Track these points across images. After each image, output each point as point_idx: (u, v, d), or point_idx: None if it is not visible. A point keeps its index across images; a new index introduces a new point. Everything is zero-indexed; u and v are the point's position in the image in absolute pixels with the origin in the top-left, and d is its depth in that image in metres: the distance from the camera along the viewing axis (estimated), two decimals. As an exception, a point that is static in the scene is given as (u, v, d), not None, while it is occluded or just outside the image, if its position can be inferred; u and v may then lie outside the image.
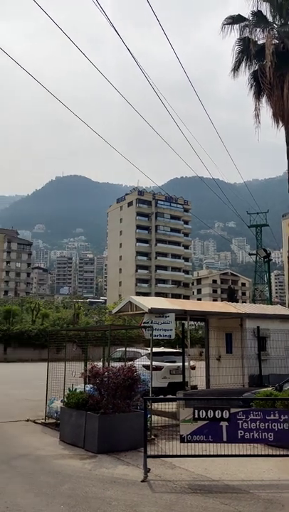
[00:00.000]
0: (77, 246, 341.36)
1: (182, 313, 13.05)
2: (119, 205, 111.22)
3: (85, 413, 8.70)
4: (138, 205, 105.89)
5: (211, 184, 30.59)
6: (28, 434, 10.07)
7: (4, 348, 44.02)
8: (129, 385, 8.90)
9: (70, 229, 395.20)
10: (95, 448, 8.24)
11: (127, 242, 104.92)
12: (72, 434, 9.02)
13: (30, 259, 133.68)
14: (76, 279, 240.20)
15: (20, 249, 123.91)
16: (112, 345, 11.38)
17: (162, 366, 13.84)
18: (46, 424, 11.09)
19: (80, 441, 8.71)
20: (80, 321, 60.77)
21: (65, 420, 9.41)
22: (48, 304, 79.88)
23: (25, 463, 7.69)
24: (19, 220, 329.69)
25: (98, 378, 8.99)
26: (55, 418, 10.96)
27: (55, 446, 8.97)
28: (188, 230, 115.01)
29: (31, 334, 45.29)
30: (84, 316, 69.01)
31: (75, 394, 9.46)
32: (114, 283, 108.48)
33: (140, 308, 12.54)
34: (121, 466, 7.35)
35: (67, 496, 5.95)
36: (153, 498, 5.90)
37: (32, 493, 6.09)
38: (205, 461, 7.33)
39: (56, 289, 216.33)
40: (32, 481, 6.62)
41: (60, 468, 7.33)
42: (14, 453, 8.36)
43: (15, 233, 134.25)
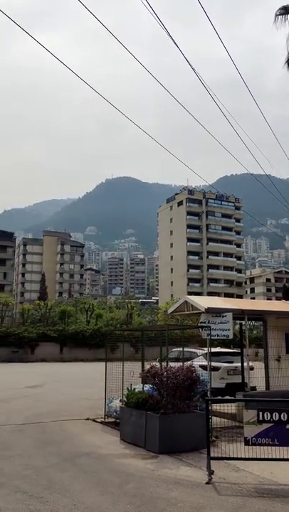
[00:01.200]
0: (128, 247, 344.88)
1: (239, 313, 12.78)
2: (169, 205, 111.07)
3: (145, 413, 8.71)
4: (188, 205, 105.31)
5: (263, 180, 29.87)
6: (89, 433, 10.22)
7: (60, 347, 45.13)
8: (188, 386, 8.82)
9: (121, 230, 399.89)
10: (156, 448, 8.23)
11: (177, 242, 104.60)
12: (132, 433, 9.06)
13: (83, 261, 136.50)
14: (128, 279, 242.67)
15: (73, 251, 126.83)
16: (164, 345, 11.34)
17: (220, 367, 13.64)
18: (106, 423, 11.21)
19: (140, 440, 8.73)
20: (133, 321, 61.26)
21: (125, 419, 9.47)
22: (101, 305, 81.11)
23: (88, 461, 7.80)
24: (71, 222, 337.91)
25: (157, 378, 8.98)
26: (115, 417, 11.07)
27: (116, 445, 9.04)
28: (240, 228, 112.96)
29: (86, 334, 46.15)
30: (137, 316, 69.48)
31: (135, 394, 9.49)
32: (165, 283, 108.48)
33: (196, 308, 12.40)
34: (184, 467, 7.29)
35: (132, 496, 5.96)
36: (219, 501, 5.80)
37: (97, 491, 6.15)
38: (270, 465, 7.11)
39: (108, 289, 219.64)
40: (96, 480, 6.69)
41: (123, 467, 7.37)
42: (77, 451, 8.51)
43: (68, 236, 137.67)
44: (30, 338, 43.40)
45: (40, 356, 42.98)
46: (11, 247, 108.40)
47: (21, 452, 8.37)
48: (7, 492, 6.06)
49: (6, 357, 41.01)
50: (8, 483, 6.44)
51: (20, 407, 14.13)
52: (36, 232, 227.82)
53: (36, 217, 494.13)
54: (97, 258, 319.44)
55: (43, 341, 44.18)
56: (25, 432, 10.31)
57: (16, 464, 7.52)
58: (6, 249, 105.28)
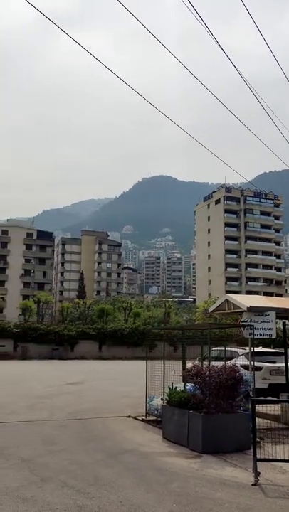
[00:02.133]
0: (165, 246, 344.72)
1: (282, 312, 12.49)
2: (207, 203, 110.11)
3: (188, 412, 8.65)
4: (226, 203, 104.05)
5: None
6: (131, 430, 10.26)
7: (99, 345, 45.67)
8: (232, 385, 8.71)
9: (158, 229, 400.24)
10: (200, 448, 8.16)
11: (215, 241, 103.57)
12: (175, 432, 9.03)
13: (120, 260, 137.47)
14: (164, 278, 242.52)
15: (111, 251, 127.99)
16: (205, 344, 11.23)
17: (262, 367, 13.38)
18: (147, 420, 11.23)
19: (183, 439, 8.68)
20: (170, 320, 61.21)
21: (167, 418, 9.45)
22: (138, 304, 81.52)
23: (132, 458, 7.83)
24: (108, 222, 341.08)
25: (200, 377, 8.91)
26: (156, 415, 11.07)
27: (159, 443, 9.03)
28: (280, 225, 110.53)
29: (124, 332, 46.48)
30: (174, 315, 69.40)
31: (176, 392, 9.45)
32: (203, 282, 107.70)
33: (238, 306, 12.23)
34: (229, 468, 7.19)
35: (177, 495, 5.93)
36: (267, 503, 5.68)
37: (142, 489, 6.16)
38: None
39: (145, 288, 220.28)
40: (141, 477, 6.70)
41: (167, 466, 7.35)
42: (120, 448, 8.56)
43: (105, 235, 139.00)
44: (69, 335, 44.13)
45: (79, 354, 43.65)
46: (50, 247, 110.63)
47: (65, 447, 8.51)
48: (54, 487, 6.17)
49: (46, 354, 41.89)
50: (54, 478, 6.55)
51: (62, 403, 14.38)
52: (74, 231, 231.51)
53: (74, 217, 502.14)
54: (134, 257, 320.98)
55: (83, 339, 44.84)
56: (68, 427, 10.48)
57: (61, 459, 7.64)
58: (46, 248, 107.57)
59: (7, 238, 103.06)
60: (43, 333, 43.39)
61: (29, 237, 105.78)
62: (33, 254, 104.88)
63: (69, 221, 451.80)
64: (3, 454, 7.87)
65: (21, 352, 41.84)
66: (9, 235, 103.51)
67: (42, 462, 7.43)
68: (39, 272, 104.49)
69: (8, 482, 6.34)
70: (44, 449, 8.41)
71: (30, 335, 42.92)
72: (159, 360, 11.54)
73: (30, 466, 7.20)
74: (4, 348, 41.68)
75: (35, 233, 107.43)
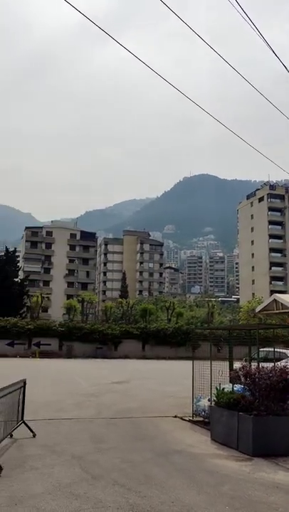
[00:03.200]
0: (207, 245, 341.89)
1: None
2: (250, 202, 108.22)
3: (237, 414, 8.51)
4: (270, 200, 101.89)
5: None
6: (179, 430, 10.21)
7: (142, 345, 45.86)
8: (283, 387, 8.49)
9: (199, 228, 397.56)
10: (250, 450, 8.01)
11: (259, 239, 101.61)
12: (224, 434, 8.90)
13: (162, 260, 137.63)
14: (207, 278, 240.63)
15: (153, 250, 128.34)
16: (253, 344, 11.02)
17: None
18: (194, 421, 11.14)
19: (232, 442, 8.55)
20: (214, 319, 60.58)
21: (216, 419, 9.33)
22: (180, 303, 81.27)
23: (181, 459, 7.78)
24: (150, 221, 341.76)
25: (249, 378, 8.75)
26: (203, 416, 10.96)
27: (208, 444, 8.94)
28: None
29: (167, 332, 46.45)
30: (218, 315, 68.65)
31: (225, 393, 9.32)
32: (246, 281, 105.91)
33: (286, 306, 11.95)
34: (282, 472, 7.01)
35: (230, 497, 5.84)
36: None
37: (193, 490, 6.11)
38: None
39: (187, 288, 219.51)
40: (191, 478, 6.65)
41: (217, 468, 7.26)
42: (169, 448, 8.53)
43: (147, 235, 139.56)
44: (113, 335, 44.57)
45: (123, 353, 44.00)
46: (93, 247, 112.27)
47: (115, 445, 8.58)
48: (105, 484, 6.23)
49: (90, 353, 42.52)
50: (105, 476, 6.61)
51: (108, 401, 14.53)
52: (116, 232, 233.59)
53: (116, 218, 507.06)
54: (175, 257, 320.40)
55: (126, 338, 45.17)
56: (116, 425, 10.56)
57: (110, 457, 7.71)
58: (89, 249, 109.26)
59: (51, 239, 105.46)
60: (87, 332, 44.06)
61: (73, 237, 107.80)
62: (77, 254, 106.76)
63: (111, 221, 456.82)
64: (54, 451, 8.03)
65: (66, 351, 42.67)
66: (53, 236, 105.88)
67: (92, 459, 7.52)
68: (82, 271, 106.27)
69: (60, 478, 6.46)
70: (93, 446, 8.51)
71: (75, 334, 43.69)
72: (202, 361, 11.45)
73: (81, 463, 7.30)
74: (50, 346, 42.64)
75: (79, 234, 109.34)
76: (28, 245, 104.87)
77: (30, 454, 7.78)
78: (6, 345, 41.61)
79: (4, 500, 5.49)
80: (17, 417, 8.88)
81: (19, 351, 41.58)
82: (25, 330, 42.83)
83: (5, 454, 7.69)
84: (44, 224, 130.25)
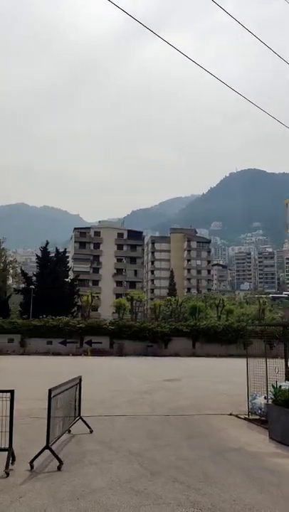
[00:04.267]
0: (255, 240, 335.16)
1: None
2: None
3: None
4: None
5: None
6: (235, 428, 10.06)
7: (193, 342, 45.64)
8: None
9: (247, 224, 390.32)
10: (311, 450, 7.75)
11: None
12: (283, 432, 8.67)
13: (210, 257, 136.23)
14: (256, 274, 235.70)
15: (200, 247, 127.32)
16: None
17: None
18: (250, 419, 10.93)
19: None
20: (265, 316, 59.31)
21: (274, 418, 9.10)
22: (230, 300, 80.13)
23: (239, 457, 7.65)
24: (196, 219, 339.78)
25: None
26: (259, 414, 10.74)
27: (266, 443, 8.74)
28: None
29: (217, 330, 45.96)
30: (269, 311, 67.13)
31: (283, 391, 9.07)
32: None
33: None
34: None
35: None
36: None
37: (254, 489, 5.98)
38: None
39: (236, 284, 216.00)
40: (250, 477, 6.52)
41: (278, 467, 7.07)
42: (225, 446, 8.42)
43: (193, 232, 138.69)
44: (163, 333, 44.63)
45: (173, 351, 43.97)
46: (141, 246, 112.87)
47: (170, 443, 8.57)
48: (164, 481, 6.22)
49: (141, 351, 42.80)
50: (163, 472, 6.61)
51: (161, 399, 14.55)
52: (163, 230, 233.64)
53: (162, 216, 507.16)
54: (223, 253, 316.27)
55: (176, 336, 45.11)
56: (170, 423, 10.55)
57: (167, 454, 7.70)
58: (136, 247, 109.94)
59: (99, 239, 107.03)
60: (137, 330, 44.37)
61: (120, 237, 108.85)
62: (124, 253, 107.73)
63: (157, 220, 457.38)
64: (112, 447, 8.13)
65: (117, 348, 43.19)
66: (101, 236, 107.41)
67: (149, 456, 7.54)
68: (130, 270, 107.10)
69: (119, 474, 6.53)
70: (150, 443, 8.54)
71: (125, 332, 44.12)
72: (254, 358, 11.21)
73: (138, 459, 7.34)
74: (101, 345, 43.33)
75: (126, 233, 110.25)
76: (77, 246, 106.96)
77: (89, 449, 7.92)
78: (59, 344, 42.71)
79: (66, 495, 5.61)
80: (74, 413, 9.06)
81: (71, 350, 42.54)
82: (76, 329, 43.74)
83: (64, 448, 7.87)
84: (92, 224, 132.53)
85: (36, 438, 8.23)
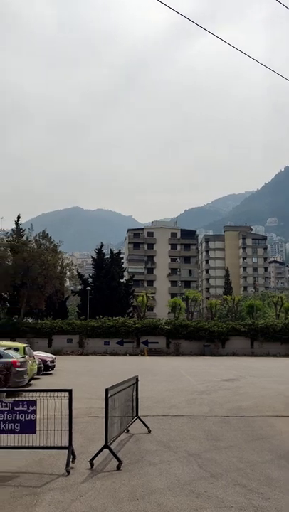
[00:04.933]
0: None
1: None
2: None
3: None
4: None
5: None
6: (298, 431, 9.65)
7: (251, 342, 44.63)
8: None
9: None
10: None
11: None
12: None
13: (266, 254, 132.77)
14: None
15: (255, 245, 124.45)
16: None
17: None
18: (314, 422, 10.46)
19: None
20: None
21: None
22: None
23: (304, 461, 7.30)
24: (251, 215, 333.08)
25: None
26: None
27: None
28: None
29: (276, 328, 44.68)
30: None
31: None
32: None
33: None
34: None
35: None
36: None
37: None
38: None
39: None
40: None
41: None
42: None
43: (248, 229, 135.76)
44: (220, 332, 44.00)
45: (230, 350, 43.26)
46: (194, 245, 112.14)
47: (231, 444, 8.34)
48: (225, 483, 6.05)
49: (197, 351, 42.45)
50: (224, 475, 6.43)
51: (220, 399, 14.27)
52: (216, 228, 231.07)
53: (215, 214, 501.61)
54: (280, 250, 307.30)
55: (233, 335, 44.33)
56: (230, 424, 10.30)
57: (228, 456, 7.50)
58: (190, 247, 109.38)
59: (153, 239, 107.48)
60: (193, 329, 44.04)
61: (173, 236, 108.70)
62: (178, 253, 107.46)
63: (210, 218, 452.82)
64: (170, 447, 8.04)
65: (174, 348, 43.08)
66: (154, 236, 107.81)
67: (209, 457, 7.38)
68: (185, 270, 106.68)
69: (179, 475, 6.42)
70: (209, 444, 8.37)
71: (181, 332, 43.91)
72: None
73: (198, 460, 7.20)
74: (158, 344, 43.41)
75: (179, 233, 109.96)
76: (131, 247, 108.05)
77: (147, 449, 7.87)
78: (116, 344, 43.24)
79: (126, 495, 5.59)
80: (132, 413, 9.06)
81: (128, 349, 42.95)
82: (133, 329, 44.09)
83: (123, 448, 7.88)
84: (145, 225, 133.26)
85: (96, 437, 8.33)
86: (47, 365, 22.21)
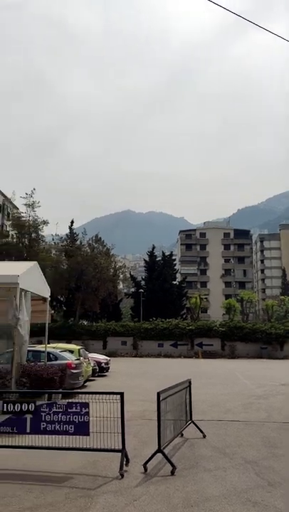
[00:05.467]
0: None
1: None
2: None
3: None
4: None
5: None
6: None
7: None
8: None
9: None
10: None
11: None
12: None
13: None
14: None
15: None
16: None
17: None
18: None
19: None
20: None
21: None
22: None
23: None
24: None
25: None
26: None
27: None
28: None
29: None
30: None
31: None
32: None
33: None
34: None
35: None
36: None
37: None
38: None
39: None
40: None
41: None
42: None
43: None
44: (277, 334, 42.66)
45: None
46: (248, 245, 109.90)
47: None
48: (284, 493, 5.79)
49: (254, 353, 41.40)
50: (283, 484, 6.15)
51: (278, 404, 13.79)
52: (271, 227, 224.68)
53: (270, 213, 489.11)
54: None
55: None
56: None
57: (287, 464, 7.19)
58: (244, 247, 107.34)
59: (205, 240, 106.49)
60: (249, 331, 43.02)
61: (226, 237, 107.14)
62: (232, 253, 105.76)
63: (265, 217, 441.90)
64: (226, 453, 7.82)
65: (229, 350, 42.27)
66: (207, 237, 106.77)
67: (267, 465, 7.09)
68: (239, 270, 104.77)
69: (235, 482, 6.22)
70: (267, 451, 8.06)
71: (237, 334, 43.01)
72: None
73: (255, 468, 6.95)
74: (212, 347, 42.77)
75: (232, 233, 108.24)
76: (183, 248, 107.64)
77: (202, 455, 7.70)
78: (170, 346, 43.08)
79: (180, 501, 5.47)
80: (186, 417, 8.92)
81: (182, 352, 42.65)
82: (186, 331, 43.75)
83: (177, 453, 7.76)
84: (197, 226, 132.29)
85: (149, 440, 8.25)
86: (101, 367, 22.47)
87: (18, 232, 47.85)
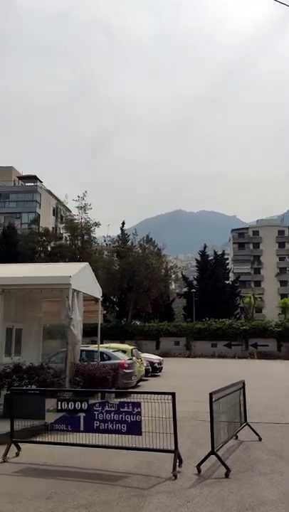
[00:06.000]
0: None
1: None
2: None
3: None
4: None
5: None
6: None
7: None
8: None
9: None
10: None
11: None
12: None
13: None
14: None
15: None
16: None
17: None
18: None
19: None
20: None
21: None
22: None
23: None
24: None
25: None
26: None
27: None
28: None
29: None
30: None
31: None
32: None
33: None
34: None
35: None
36: None
37: None
38: None
39: None
40: None
41: None
42: None
43: None
44: None
45: None
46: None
47: None
48: None
49: None
50: None
51: None
52: None
53: None
54: None
55: None
56: None
57: None
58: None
59: (258, 239, 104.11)
60: None
61: (281, 234, 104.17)
62: (287, 251, 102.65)
63: None
64: (283, 457, 7.57)
65: (285, 351, 41.10)
66: (260, 236, 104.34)
67: None
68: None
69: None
70: None
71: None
72: None
73: (313, 473, 6.67)
74: (268, 347, 41.78)
75: (287, 230, 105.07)
76: (235, 247, 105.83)
77: (257, 458, 7.50)
78: (224, 347, 42.53)
79: (234, 504, 5.35)
80: (240, 419, 8.73)
81: (237, 352, 41.97)
82: (240, 331, 43.03)
83: (232, 455, 7.60)
84: (250, 224, 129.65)
85: (203, 441, 8.13)
86: (154, 367, 22.53)
87: (71, 234, 49.07)
